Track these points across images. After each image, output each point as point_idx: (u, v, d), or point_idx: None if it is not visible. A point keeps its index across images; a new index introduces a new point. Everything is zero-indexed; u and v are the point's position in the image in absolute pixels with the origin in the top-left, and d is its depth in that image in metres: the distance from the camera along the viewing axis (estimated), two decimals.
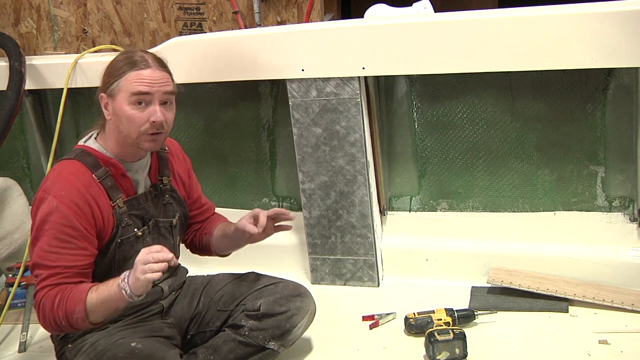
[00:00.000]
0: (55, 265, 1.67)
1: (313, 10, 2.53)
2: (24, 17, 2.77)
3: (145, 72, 1.72)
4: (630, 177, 2.28)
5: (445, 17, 2.18)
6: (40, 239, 1.68)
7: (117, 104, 1.72)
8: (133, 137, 1.73)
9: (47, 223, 1.67)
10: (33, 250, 1.70)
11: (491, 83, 2.32)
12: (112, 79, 1.73)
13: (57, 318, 1.65)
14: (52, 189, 1.70)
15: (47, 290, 1.66)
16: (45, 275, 1.67)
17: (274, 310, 1.88)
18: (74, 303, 1.64)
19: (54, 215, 1.67)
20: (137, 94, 1.70)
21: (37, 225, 1.69)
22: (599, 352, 1.94)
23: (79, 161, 1.75)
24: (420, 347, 1.98)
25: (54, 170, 1.75)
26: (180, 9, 2.64)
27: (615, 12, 2.00)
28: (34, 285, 2.40)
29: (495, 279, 2.26)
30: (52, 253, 1.67)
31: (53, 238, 1.67)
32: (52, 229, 1.67)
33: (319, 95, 2.30)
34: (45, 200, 1.69)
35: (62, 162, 1.77)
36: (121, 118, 1.72)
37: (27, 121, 2.76)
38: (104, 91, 1.75)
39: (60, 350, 1.84)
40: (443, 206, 2.50)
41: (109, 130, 1.79)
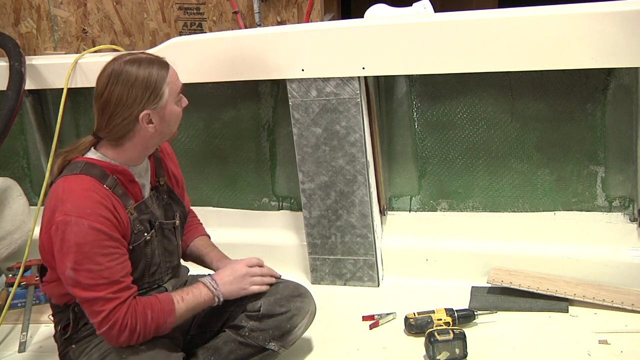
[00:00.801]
0: (113, 280, 1.64)
1: (313, 10, 2.53)
2: (24, 17, 2.77)
3: (173, 71, 1.75)
4: (630, 177, 2.28)
5: (445, 17, 2.17)
6: (85, 262, 1.61)
7: (168, 110, 1.72)
8: (173, 131, 1.79)
9: (85, 245, 1.61)
10: (78, 274, 1.61)
11: (491, 83, 2.32)
12: (155, 92, 1.68)
13: (148, 332, 1.69)
14: (74, 210, 1.62)
15: (126, 308, 1.64)
16: (109, 294, 1.63)
17: (274, 311, 1.88)
18: (166, 315, 1.70)
19: (90, 236, 1.62)
20: (180, 92, 1.77)
21: (74, 250, 1.61)
22: (599, 352, 1.94)
23: (86, 175, 1.68)
24: (420, 347, 1.98)
25: (65, 190, 1.66)
26: (180, 9, 2.64)
27: (615, 12, 2.00)
28: (33, 285, 2.42)
29: (495, 279, 2.26)
30: (103, 270, 1.63)
31: (99, 256, 1.62)
32: (94, 249, 1.62)
33: (319, 95, 2.30)
34: (70, 223, 1.61)
35: (67, 178, 1.69)
36: (170, 121, 1.75)
37: (27, 121, 2.76)
38: (148, 107, 1.68)
39: (64, 350, 1.84)
40: (443, 206, 2.50)
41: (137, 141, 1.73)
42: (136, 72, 1.68)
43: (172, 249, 1.90)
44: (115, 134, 1.71)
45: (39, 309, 2.40)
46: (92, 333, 1.78)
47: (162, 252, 1.85)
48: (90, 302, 1.64)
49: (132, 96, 1.67)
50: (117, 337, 1.66)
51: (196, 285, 1.81)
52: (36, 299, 2.42)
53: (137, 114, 1.68)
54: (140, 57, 1.72)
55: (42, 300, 2.44)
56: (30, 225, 2.52)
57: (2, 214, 2.54)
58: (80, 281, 1.62)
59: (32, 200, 2.74)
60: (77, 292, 1.64)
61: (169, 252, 1.88)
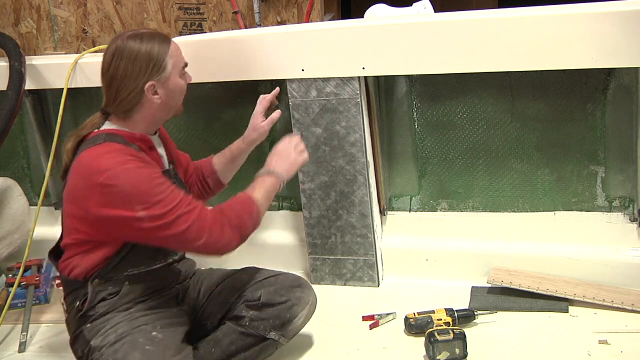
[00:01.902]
0: (181, 198, 1.70)
1: (313, 10, 2.53)
2: (24, 17, 2.77)
3: (174, 44, 1.82)
4: (630, 177, 2.28)
5: (445, 17, 2.17)
6: (150, 197, 1.66)
7: (172, 82, 1.80)
8: (178, 106, 1.87)
9: (142, 184, 1.66)
10: (151, 210, 1.65)
11: (491, 83, 2.32)
12: (160, 62, 1.76)
13: (244, 223, 1.77)
14: (114, 165, 1.66)
15: (209, 212, 1.72)
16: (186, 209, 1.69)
17: (274, 300, 1.90)
18: (250, 204, 1.80)
19: (141, 175, 1.68)
20: (185, 65, 1.85)
21: (134, 193, 1.65)
22: (599, 352, 1.94)
23: (110, 142, 1.73)
24: (420, 347, 1.98)
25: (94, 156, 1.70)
26: (180, 9, 2.65)
27: (615, 12, 2.00)
28: (33, 285, 2.42)
29: (495, 279, 2.26)
30: (169, 195, 1.68)
31: (158, 187, 1.68)
32: (151, 183, 1.68)
33: (319, 95, 2.30)
34: (118, 175, 1.65)
35: (91, 149, 1.72)
36: (175, 92, 1.82)
37: (27, 121, 2.76)
38: (152, 79, 1.76)
39: (77, 330, 1.83)
40: (443, 206, 2.50)
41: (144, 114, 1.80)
42: (139, 46, 1.76)
43: None
44: (123, 107, 1.78)
45: (39, 309, 2.40)
46: (108, 311, 1.79)
47: None
48: (174, 225, 1.67)
49: (136, 69, 1.75)
50: (220, 239, 1.73)
51: (255, 180, 1.91)
52: (36, 299, 2.43)
53: (143, 85, 1.76)
54: (142, 32, 1.81)
55: (42, 300, 2.44)
56: (30, 225, 2.52)
57: (2, 214, 2.54)
58: (156, 214, 1.66)
59: (32, 200, 2.74)
60: (158, 223, 1.67)
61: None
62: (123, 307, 1.81)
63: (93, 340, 1.78)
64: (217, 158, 2.19)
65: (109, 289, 1.80)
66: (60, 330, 2.29)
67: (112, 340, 1.76)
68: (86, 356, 1.79)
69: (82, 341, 1.81)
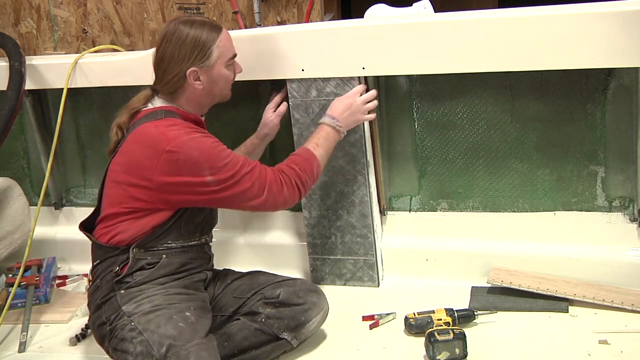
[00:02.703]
0: (242, 162, 1.82)
1: (313, 10, 2.53)
2: (24, 17, 2.77)
3: (225, 33, 1.91)
4: (630, 177, 2.28)
5: (445, 17, 2.17)
6: (217, 161, 1.78)
7: (216, 71, 1.89)
8: (225, 93, 1.97)
9: (209, 150, 1.78)
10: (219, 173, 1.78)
11: (491, 83, 2.32)
12: (205, 50, 1.84)
13: (305, 179, 1.90)
14: (181, 134, 1.78)
15: (269, 170, 1.86)
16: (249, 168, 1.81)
17: (292, 301, 1.93)
18: (311, 161, 1.94)
19: (206, 142, 1.79)
20: (233, 57, 1.94)
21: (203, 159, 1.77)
22: (599, 352, 1.94)
23: (170, 118, 1.83)
24: (420, 347, 1.98)
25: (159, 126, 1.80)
26: (180, 9, 2.64)
27: (615, 12, 2.00)
28: (33, 285, 2.42)
29: (495, 279, 2.26)
30: (233, 158, 1.81)
31: (223, 152, 1.81)
32: (216, 149, 1.80)
33: (319, 95, 2.30)
34: (185, 142, 1.76)
35: (153, 122, 1.82)
36: (219, 82, 1.91)
37: (27, 121, 2.76)
38: (195, 65, 1.84)
39: (107, 295, 1.85)
40: (443, 206, 2.50)
41: (187, 96, 1.89)
42: (187, 31, 1.84)
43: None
44: (168, 88, 1.88)
45: (39, 309, 2.40)
46: (145, 281, 1.84)
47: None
48: (239, 184, 1.80)
49: (182, 53, 1.84)
50: (280, 194, 1.85)
51: (320, 128, 2.05)
52: (36, 299, 2.43)
53: (186, 70, 1.84)
54: (194, 18, 1.89)
55: (42, 300, 2.44)
56: (30, 225, 2.52)
57: (2, 214, 2.54)
58: (223, 177, 1.79)
59: (32, 200, 2.74)
60: (225, 185, 1.79)
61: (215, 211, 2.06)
62: (159, 281, 1.86)
63: (125, 306, 1.81)
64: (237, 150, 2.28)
65: (148, 259, 1.86)
66: (60, 330, 2.30)
67: (146, 310, 1.79)
68: (112, 321, 1.81)
69: (111, 306, 1.83)
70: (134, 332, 1.75)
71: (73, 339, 2.19)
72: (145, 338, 1.73)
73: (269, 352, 1.94)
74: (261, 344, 1.92)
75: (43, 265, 2.58)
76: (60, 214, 2.87)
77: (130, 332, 1.76)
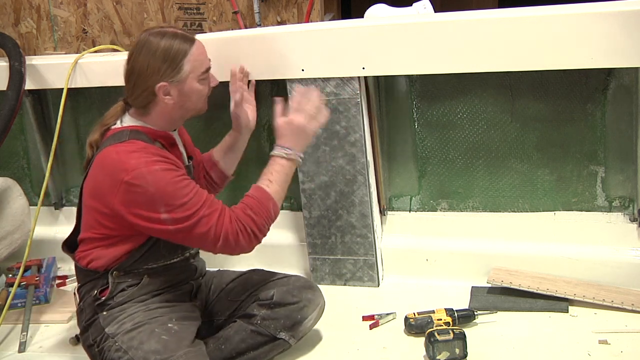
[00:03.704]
0: (204, 200, 1.72)
1: (313, 10, 2.53)
2: (24, 17, 2.77)
3: (199, 47, 1.81)
4: (630, 177, 2.28)
5: (445, 17, 2.17)
6: (174, 200, 1.69)
7: (187, 85, 1.79)
8: (199, 107, 1.87)
9: (167, 186, 1.69)
10: (175, 213, 1.69)
11: (491, 83, 2.32)
12: (175, 65, 1.75)
13: (262, 225, 1.77)
14: (140, 163, 1.69)
15: (228, 216, 1.72)
16: (207, 212, 1.71)
17: (286, 300, 1.91)
18: (266, 203, 1.79)
19: (167, 176, 1.70)
20: (206, 71, 1.84)
21: (159, 195, 1.68)
22: (599, 352, 1.94)
23: (135, 140, 1.74)
24: (420, 347, 1.98)
25: (120, 153, 1.71)
26: (180, 9, 2.65)
27: (615, 12, 2.00)
28: (33, 285, 2.42)
29: (495, 279, 2.26)
30: (193, 197, 1.71)
31: (182, 189, 1.70)
32: (176, 185, 1.70)
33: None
34: (144, 175, 1.68)
35: (116, 146, 1.74)
36: (191, 96, 1.82)
37: (27, 121, 2.76)
38: (164, 80, 1.75)
39: (91, 318, 1.84)
40: (443, 206, 2.50)
41: (158, 111, 1.80)
42: (157, 43, 1.75)
43: None
44: (139, 102, 1.80)
45: (39, 309, 2.40)
46: (126, 301, 1.82)
47: None
48: (196, 228, 1.70)
49: (151, 67, 1.75)
50: (236, 243, 1.73)
51: (272, 162, 1.87)
52: (36, 299, 2.43)
53: (154, 85, 1.75)
54: (166, 29, 1.80)
55: (42, 300, 2.44)
56: (30, 225, 2.52)
57: (2, 214, 2.54)
58: (179, 217, 1.69)
59: (32, 200, 2.74)
60: (180, 226, 1.70)
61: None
62: (140, 298, 1.84)
63: (108, 327, 1.80)
64: (216, 150, 2.24)
65: (129, 281, 1.83)
66: (60, 330, 2.29)
67: (128, 328, 1.78)
68: (98, 343, 1.81)
69: (96, 328, 1.83)
70: (120, 351, 1.75)
71: (73, 339, 2.19)
72: (131, 356, 1.73)
73: (267, 352, 1.93)
74: (259, 345, 1.91)
75: (43, 265, 2.58)
76: (60, 214, 2.87)
77: (117, 352, 1.76)
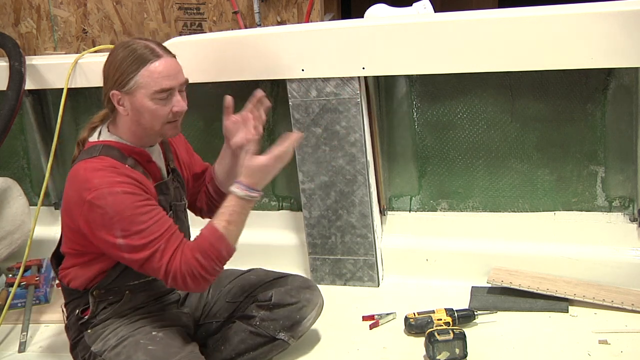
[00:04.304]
0: (162, 231, 1.66)
1: (313, 10, 2.53)
2: (24, 17, 2.77)
3: (161, 65, 1.70)
4: (630, 177, 2.28)
5: (445, 17, 2.17)
6: (132, 226, 1.64)
7: (137, 100, 1.70)
8: (157, 129, 1.75)
9: (126, 211, 1.64)
10: (130, 239, 1.64)
11: (491, 83, 2.32)
12: (125, 76, 1.70)
13: (211, 269, 1.67)
14: (103, 183, 1.65)
15: (179, 257, 1.66)
16: (162, 245, 1.65)
17: (285, 301, 1.91)
18: (219, 246, 1.68)
19: (127, 200, 1.65)
20: (161, 92, 1.70)
21: (117, 219, 1.63)
22: (599, 352, 1.94)
23: (105, 156, 1.71)
24: (420, 347, 1.98)
25: (87, 170, 1.68)
26: (180, 9, 2.64)
27: (615, 12, 2.00)
28: (33, 285, 2.42)
29: (495, 279, 2.26)
30: (151, 226, 1.65)
31: (141, 216, 1.65)
32: (135, 211, 1.65)
33: (319, 95, 2.30)
34: (104, 196, 1.63)
35: (86, 161, 1.71)
36: (143, 113, 1.72)
37: (27, 121, 2.76)
38: (116, 88, 1.71)
39: (77, 337, 1.84)
40: (443, 206, 2.50)
41: (122, 123, 1.76)
42: (120, 52, 1.73)
43: (184, 230, 1.93)
44: (108, 108, 1.77)
45: (39, 309, 2.40)
46: (109, 317, 1.80)
47: None
48: (148, 261, 1.66)
49: (108, 74, 1.73)
50: (185, 285, 1.68)
51: (234, 200, 1.73)
52: (36, 299, 2.43)
53: (109, 92, 1.73)
54: (137, 41, 1.74)
55: (42, 300, 2.44)
56: (30, 225, 2.52)
57: (2, 214, 2.54)
58: (134, 244, 1.64)
59: (32, 200, 2.74)
60: (134, 256, 1.66)
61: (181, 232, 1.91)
62: (123, 313, 1.82)
63: (94, 345, 1.79)
64: (217, 163, 2.09)
65: (110, 299, 1.81)
66: (60, 330, 2.29)
67: (113, 344, 1.77)
68: None
69: (82, 347, 1.82)
70: None
71: None
72: None
73: (266, 353, 1.93)
74: (258, 345, 1.91)
75: (43, 265, 2.58)
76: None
77: None
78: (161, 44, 1.77)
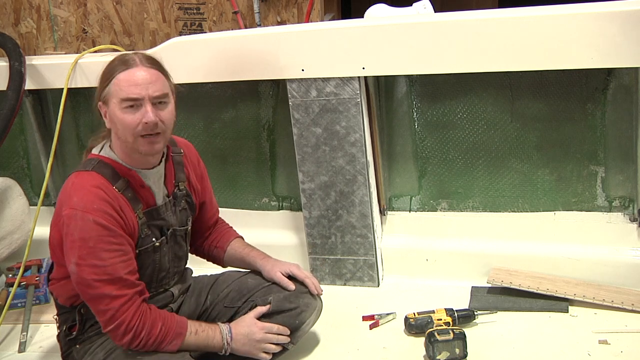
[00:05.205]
0: (116, 277, 1.64)
1: (313, 10, 2.53)
2: (24, 17, 2.77)
3: (130, 74, 1.66)
4: (630, 177, 2.28)
5: (445, 17, 2.18)
6: (88, 257, 1.62)
7: (111, 109, 1.68)
8: (130, 142, 1.69)
9: (89, 240, 1.62)
10: (81, 270, 1.62)
11: (491, 83, 2.32)
12: (103, 85, 1.69)
13: (152, 342, 1.68)
14: (80, 204, 1.63)
15: (134, 309, 1.65)
16: (114, 292, 1.63)
17: (283, 307, 1.90)
18: (175, 336, 1.71)
19: (94, 231, 1.62)
20: (126, 100, 1.65)
21: (78, 245, 1.62)
22: (599, 352, 1.94)
23: (97, 173, 1.69)
24: (420, 347, 1.98)
25: (74, 184, 1.68)
26: (180, 9, 2.65)
27: (615, 12, 2.00)
28: (33, 285, 2.42)
29: (495, 279, 2.26)
30: (107, 267, 1.63)
31: (103, 252, 1.63)
32: (98, 244, 1.63)
33: (319, 95, 2.30)
34: (76, 217, 1.63)
35: (79, 174, 1.71)
36: (116, 124, 1.69)
37: (27, 121, 2.76)
38: (99, 99, 1.71)
39: (67, 350, 1.84)
40: (443, 206, 2.50)
41: (114, 138, 1.74)
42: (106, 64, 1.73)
43: (182, 254, 1.92)
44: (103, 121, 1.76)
45: (39, 309, 2.40)
46: (97, 333, 1.79)
47: (172, 257, 1.87)
48: (95, 300, 1.65)
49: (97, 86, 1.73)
50: (121, 337, 1.66)
51: (213, 327, 1.80)
52: (36, 299, 2.43)
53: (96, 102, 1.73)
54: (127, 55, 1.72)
55: (42, 300, 2.44)
56: (30, 225, 2.52)
57: (2, 214, 2.54)
58: (84, 277, 1.63)
59: (32, 200, 2.74)
60: (81, 288, 1.65)
61: (178, 257, 1.90)
62: None
63: None
64: (235, 246, 2.07)
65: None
66: None
67: (101, 358, 1.76)
68: None
69: None
70: None
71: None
72: None
73: None
74: None
75: (43, 265, 2.58)
76: None
77: None
78: (150, 56, 1.74)
